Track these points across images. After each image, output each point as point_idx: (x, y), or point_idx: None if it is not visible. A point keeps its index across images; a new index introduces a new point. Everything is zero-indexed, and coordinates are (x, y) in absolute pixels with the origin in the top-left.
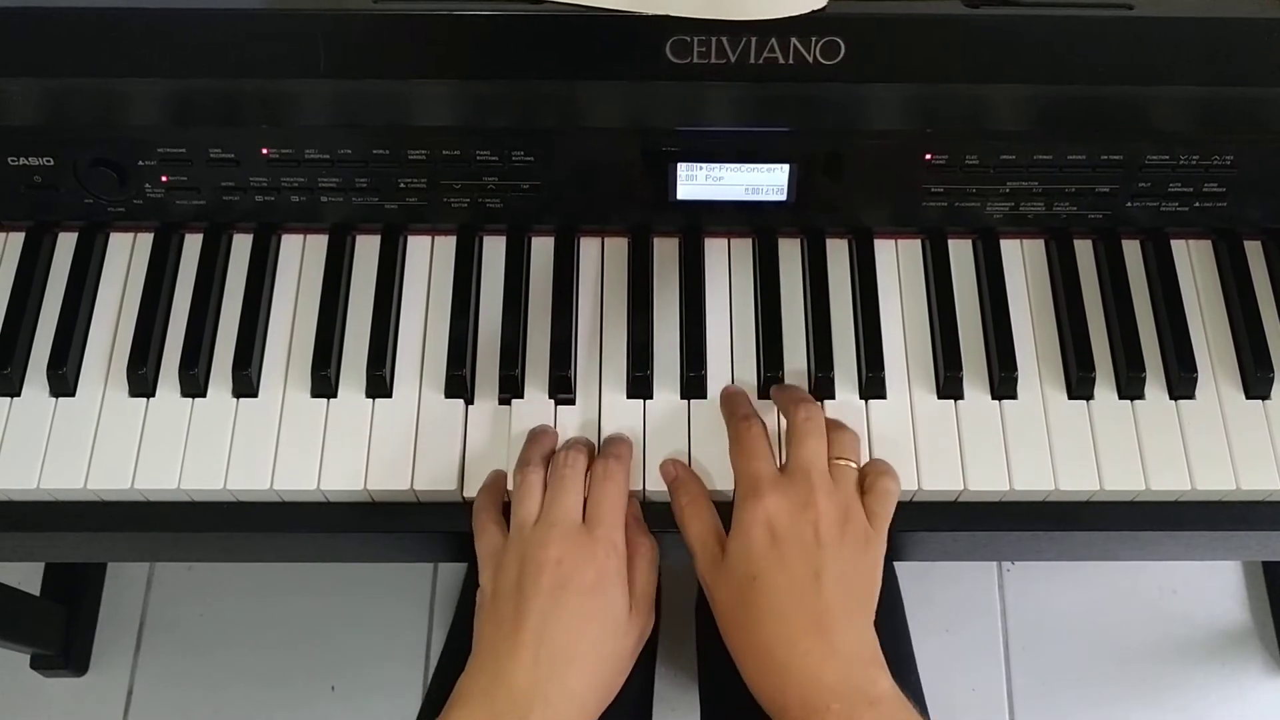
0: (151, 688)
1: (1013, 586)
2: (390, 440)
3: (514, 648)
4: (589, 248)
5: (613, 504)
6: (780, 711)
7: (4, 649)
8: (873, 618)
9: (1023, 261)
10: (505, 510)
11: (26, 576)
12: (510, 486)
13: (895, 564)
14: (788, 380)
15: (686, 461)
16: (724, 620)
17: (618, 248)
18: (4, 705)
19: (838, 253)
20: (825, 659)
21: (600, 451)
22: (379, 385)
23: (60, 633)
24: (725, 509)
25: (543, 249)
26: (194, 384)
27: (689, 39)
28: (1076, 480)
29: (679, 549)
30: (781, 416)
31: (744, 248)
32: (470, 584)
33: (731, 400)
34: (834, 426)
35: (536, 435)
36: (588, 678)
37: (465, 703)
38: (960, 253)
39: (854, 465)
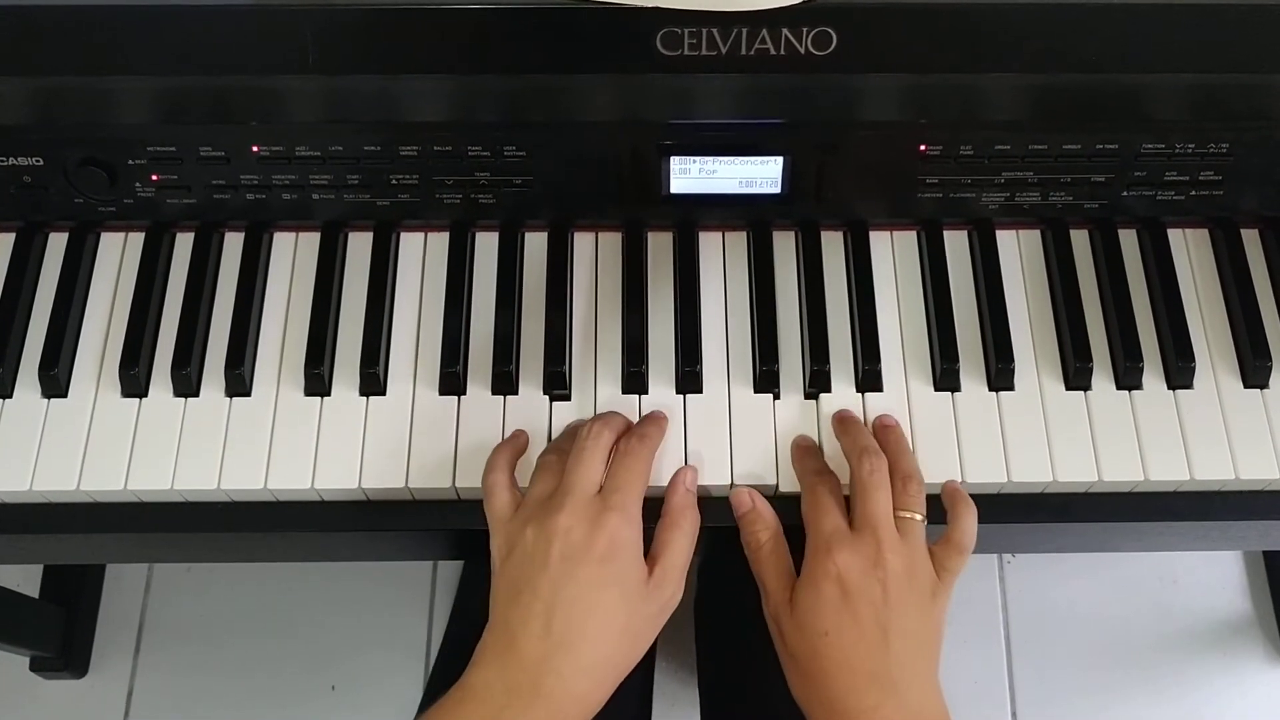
0: (152, 688)
1: (1013, 578)
2: (384, 438)
3: (525, 617)
4: (583, 243)
5: (631, 477)
6: None
7: (3, 651)
8: (938, 668)
9: (1019, 252)
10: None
11: (25, 579)
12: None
13: None
14: (783, 375)
15: (683, 457)
16: (792, 667)
17: (612, 242)
18: (4, 708)
19: (833, 245)
20: (892, 713)
21: (631, 428)
22: (372, 383)
23: (59, 635)
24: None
25: (536, 244)
26: (187, 384)
27: (679, 31)
28: (1075, 471)
29: None
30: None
31: (738, 241)
32: (468, 580)
33: (803, 454)
34: (900, 477)
35: (572, 428)
36: (601, 649)
37: (480, 667)
38: (956, 244)
39: (919, 518)
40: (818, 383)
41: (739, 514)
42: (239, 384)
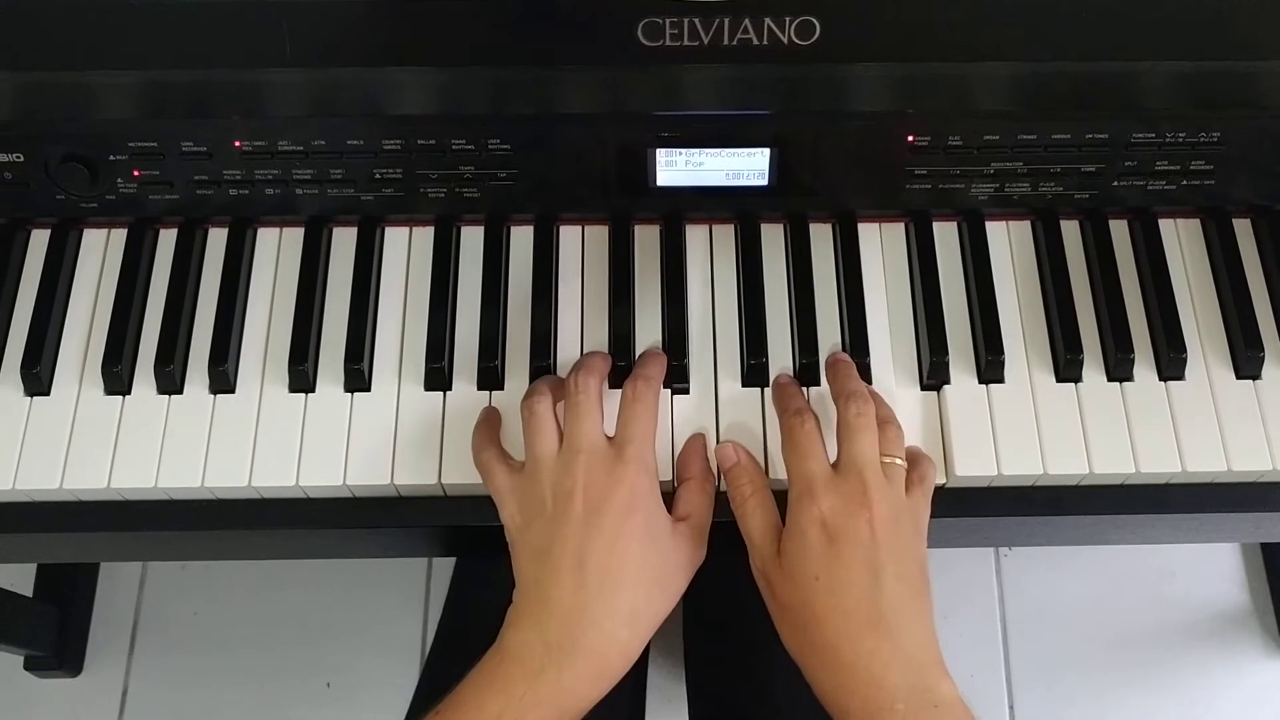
0: (146, 687)
1: (1010, 571)
2: (369, 435)
3: (556, 575)
4: (569, 236)
5: (642, 424)
6: (842, 711)
7: None
8: (932, 613)
9: (1009, 243)
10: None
11: (19, 577)
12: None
13: None
14: (771, 369)
15: (671, 451)
16: (783, 618)
17: (598, 236)
18: None
19: (821, 237)
20: (890, 658)
21: (633, 371)
22: (357, 379)
23: (53, 634)
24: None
25: (522, 238)
26: (170, 381)
27: (661, 21)
28: (1065, 464)
29: None
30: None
31: (726, 233)
32: (461, 575)
33: (783, 393)
34: (883, 422)
35: (549, 382)
36: (637, 598)
37: (516, 628)
38: (945, 235)
39: (902, 462)
40: (806, 375)
41: (725, 468)
42: (223, 381)
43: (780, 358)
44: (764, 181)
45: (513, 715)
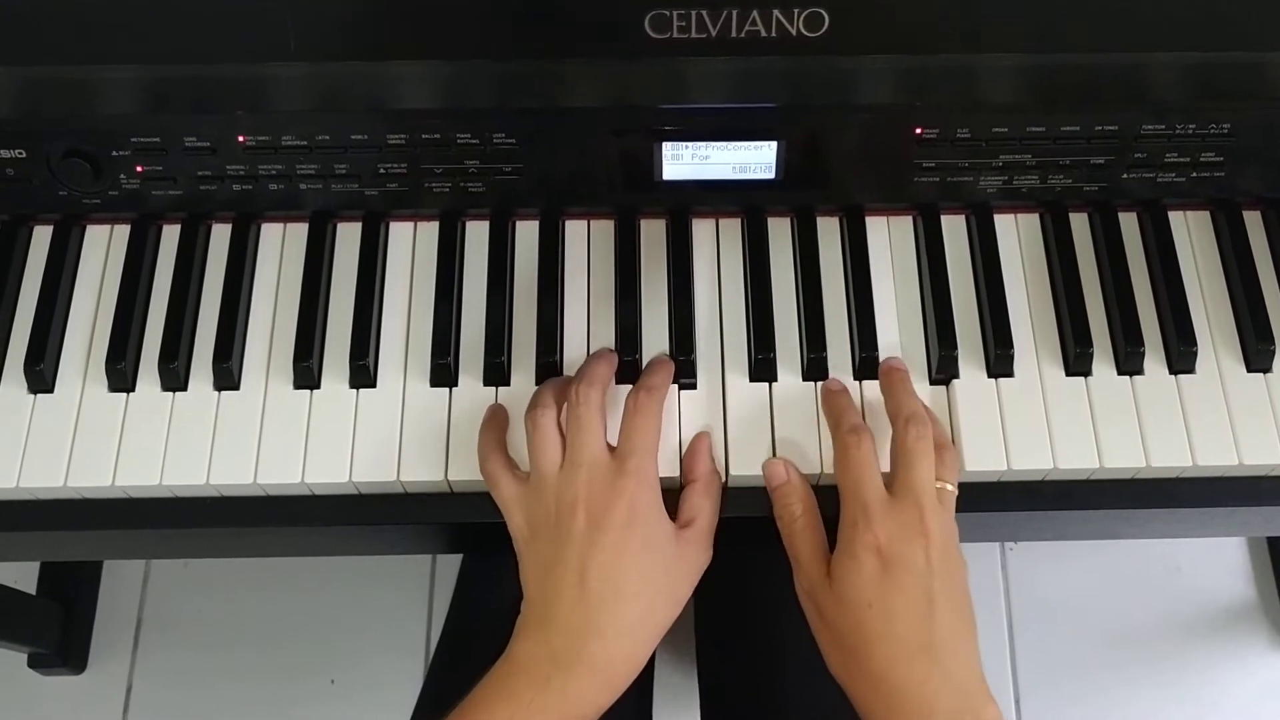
0: (151, 684)
1: (1015, 566)
2: (375, 431)
3: (560, 589)
4: (574, 231)
5: (644, 436)
6: None
7: (1, 648)
8: (977, 636)
9: (1017, 236)
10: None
11: (22, 575)
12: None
13: None
14: (779, 363)
15: (678, 447)
16: (831, 642)
17: (604, 230)
18: (3, 705)
19: (828, 231)
20: (940, 686)
21: (638, 381)
22: (362, 375)
23: (57, 631)
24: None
25: (527, 233)
26: (174, 378)
27: (668, 13)
28: (1075, 459)
29: None
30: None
31: (733, 228)
32: (466, 573)
33: (836, 405)
34: (940, 447)
35: (556, 384)
36: (639, 608)
37: (523, 639)
38: (954, 228)
39: (953, 488)
40: (814, 371)
41: (773, 486)
42: (227, 378)
43: (788, 353)
44: (771, 175)
45: None
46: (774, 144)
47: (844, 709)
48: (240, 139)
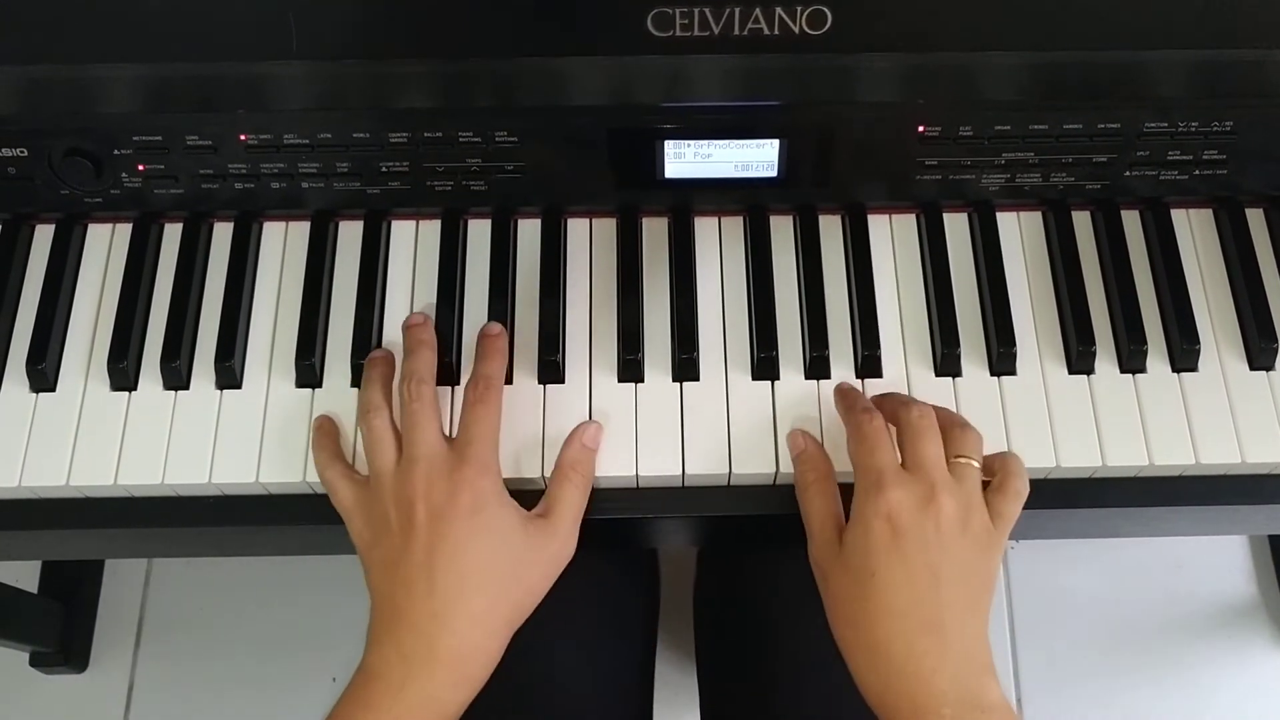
0: (152, 683)
1: (1017, 564)
2: None
3: (407, 585)
4: (577, 229)
5: (483, 425)
6: (888, 710)
7: (3, 647)
8: (988, 620)
9: (1020, 234)
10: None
11: (24, 574)
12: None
13: None
14: (781, 362)
15: (680, 445)
16: (836, 612)
17: (606, 229)
18: (5, 703)
19: (831, 229)
20: (940, 661)
21: (473, 371)
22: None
23: (59, 629)
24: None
25: (529, 231)
26: (176, 377)
27: (671, 11)
28: (1078, 457)
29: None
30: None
31: (735, 226)
32: None
33: (847, 395)
34: (955, 424)
35: (371, 369)
36: (489, 598)
37: (375, 646)
38: (956, 226)
39: (976, 463)
40: (817, 369)
41: (793, 454)
42: (229, 376)
43: (790, 351)
44: (773, 173)
45: None
46: (776, 142)
47: (846, 707)
48: (242, 138)
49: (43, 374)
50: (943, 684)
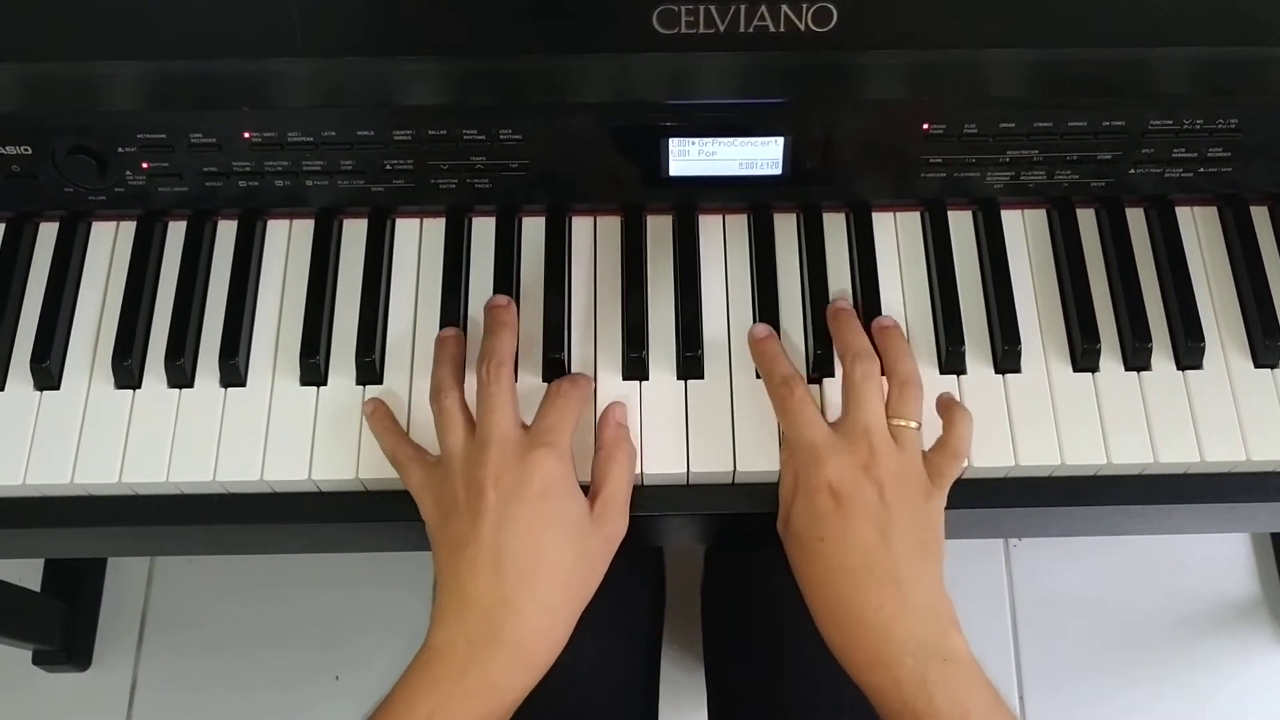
0: (155, 681)
1: (1019, 562)
2: None
3: (475, 567)
4: (581, 227)
5: (561, 417)
6: (854, 666)
7: (5, 645)
8: (942, 569)
9: (1024, 232)
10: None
11: (27, 572)
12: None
13: None
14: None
15: (685, 444)
16: (799, 579)
17: (610, 226)
18: (7, 702)
19: (835, 227)
20: (897, 613)
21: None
22: (369, 371)
23: (61, 628)
24: None
25: (534, 229)
26: (180, 375)
27: (676, 8)
28: (1083, 454)
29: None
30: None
31: (739, 223)
32: None
33: (764, 357)
34: (897, 382)
35: (442, 349)
36: (556, 585)
37: (440, 627)
38: (960, 224)
39: (914, 426)
40: (821, 367)
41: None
42: (233, 374)
43: (794, 349)
44: (778, 171)
45: (443, 713)
46: (781, 140)
47: (852, 705)
48: (246, 135)
49: (47, 372)
50: (901, 634)
